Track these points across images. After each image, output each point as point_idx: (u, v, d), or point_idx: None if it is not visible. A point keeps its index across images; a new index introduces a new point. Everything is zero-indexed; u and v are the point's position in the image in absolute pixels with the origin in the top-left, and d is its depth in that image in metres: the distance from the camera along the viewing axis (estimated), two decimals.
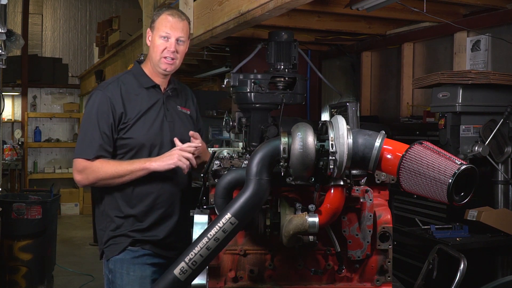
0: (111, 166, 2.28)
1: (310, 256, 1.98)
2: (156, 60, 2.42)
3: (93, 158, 2.28)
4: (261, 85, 2.37)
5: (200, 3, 3.85)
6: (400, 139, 1.81)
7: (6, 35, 3.44)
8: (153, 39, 2.42)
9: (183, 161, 2.25)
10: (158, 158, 2.29)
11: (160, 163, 2.26)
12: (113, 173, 2.27)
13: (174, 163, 2.25)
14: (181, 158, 2.25)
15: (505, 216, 3.25)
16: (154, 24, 2.43)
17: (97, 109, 2.33)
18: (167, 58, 2.40)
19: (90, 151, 2.29)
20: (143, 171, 2.27)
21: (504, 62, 3.86)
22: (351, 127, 1.72)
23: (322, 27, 4.37)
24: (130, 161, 2.31)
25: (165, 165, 2.26)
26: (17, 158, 9.47)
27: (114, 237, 2.38)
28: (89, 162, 2.28)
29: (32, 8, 10.37)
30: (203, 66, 6.71)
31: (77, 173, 2.32)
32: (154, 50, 2.41)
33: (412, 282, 2.83)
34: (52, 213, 4.96)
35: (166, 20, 2.40)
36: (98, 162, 2.28)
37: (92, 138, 2.31)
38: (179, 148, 2.28)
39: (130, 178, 2.29)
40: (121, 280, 2.35)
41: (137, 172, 2.27)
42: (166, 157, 2.27)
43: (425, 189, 1.63)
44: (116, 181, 2.30)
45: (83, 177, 2.31)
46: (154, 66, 2.44)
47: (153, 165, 2.26)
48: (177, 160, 2.24)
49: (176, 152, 2.26)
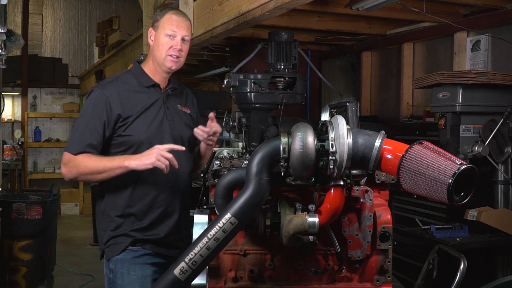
0: (91, 162, 2.28)
1: (310, 256, 1.98)
2: (162, 58, 2.42)
3: (76, 153, 2.29)
4: (261, 85, 2.37)
5: (200, 3, 3.85)
6: (400, 139, 1.81)
7: (6, 35, 3.44)
8: (158, 38, 2.42)
9: (161, 160, 2.17)
10: (137, 157, 2.24)
11: (138, 162, 2.21)
12: (92, 169, 2.27)
13: (152, 163, 2.18)
14: (159, 157, 2.18)
15: (505, 216, 3.25)
16: (158, 23, 2.44)
17: (93, 106, 2.35)
18: (172, 56, 2.41)
19: (76, 146, 2.30)
20: (121, 169, 2.25)
21: (504, 62, 3.86)
22: (351, 127, 1.72)
23: (322, 27, 4.37)
24: (110, 158, 2.30)
25: (142, 165, 2.20)
26: (17, 158, 9.47)
27: (115, 237, 2.38)
28: (73, 156, 2.30)
29: (32, 8, 10.36)
30: (203, 66, 6.71)
31: (63, 166, 2.35)
32: (159, 48, 2.41)
33: (412, 282, 2.83)
34: (52, 213, 4.96)
35: (172, 19, 2.42)
36: (81, 157, 2.29)
37: (81, 134, 2.32)
38: (158, 147, 2.21)
39: (109, 175, 2.27)
40: (122, 280, 2.35)
41: (115, 169, 2.25)
42: (144, 157, 2.21)
43: (425, 189, 1.63)
44: (95, 177, 2.30)
45: (67, 170, 2.33)
46: (159, 65, 2.44)
47: (132, 164, 2.22)
48: (155, 160, 2.17)
49: (155, 152, 2.20)
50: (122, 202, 2.37)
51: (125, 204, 2.37)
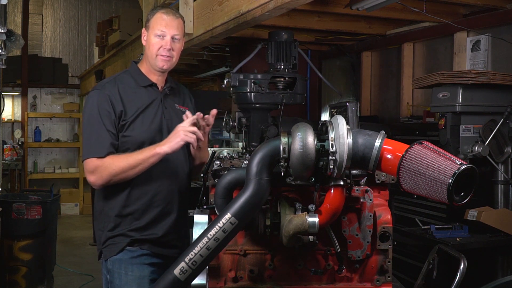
0: (122, 160, 2.27)
1: (310, 256, 1.98)
2: (153, 58, 2.43)
3: (104, 155, 2.27)
4: (261, 85, 2.37)
5: (200, 3, 3.85)
6: (400, 139, 1.81)
7: (6, 35, 3.44)
8: (149, 38, 2.44)
9: (189, 135, 2.22)
10: (165, 141, 2.26)
11: (169, 144, 2.24)
12: (126, 166, 2.26)
13: (182, 139, 2.22)
14: (186, 133, 2.22)
15: (505, 216, 3.25)
16: (149, 23, 2.45)
17: (98, 107, 2.33)
18: (163, 56, 2.42)
19: (101, 149, 2.28)
20: (154, 157, 2.25)
21: (504, 62, 3.86)
22: (351, 127, 1.72)
23: (322, 27, 4.37)
24: (139, 151, 2.29)
25: (174, 144, 2.23)
26: (17, 158, 9.47)
27: (112, 237, 2.38)
28: (100, 160, 2.27)
29: (32, 8, 10.36)
30: (203, 66, 6.71)
31: (90, 174, 2.30)
32: (150, 48, 2.43)
33: (412, 282, 2.83)
34: (52, 213, 4.96)
35: (160, 19, 2.42)
36: (109, 159, 2.27)
37: (99, 136, 2.30)
38: (182, 124, 2.26)
39: (143, 167, 2.27)
40: (120, 280, 2.35)
41: (149, 159, 2.25)
42: (173, 137, 2.25)
43: (425, 189, 1.63)
44: (129, 173, 2.27)
45: (97, 176, 2.29)
46: (151, 65, 2.45)
47: (163, 148, 2.24)
48: (184, 136, 2.22)
49: (180, 129, 2.24)
50: (120, 202, 2.37)
51: (122, 203, 2.37)
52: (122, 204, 2.37)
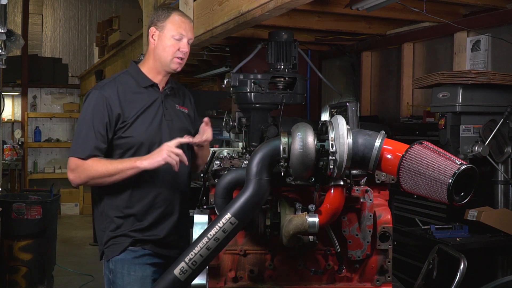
0: (102, 165, 2.27)
1: (310, 256, 1.98)
2: (168, 60, 2.41)
3: (86, 157, 2.28)
4: (261, 85, 2.37)
5: (200, 3, 3.85)
6: (400, 139, 1.81)
7: (6, 35, 3.44)
8: (163, 39, 2.41)
9: (172, 157, 2.21)
10: (147, 156, 2.26)
11: (150, 161, 2.24)
12: (104, 172, 2.26)
13: (164, 159, 2.22)
14: (170, 154, 2.21)
15: (505, 216, 3.25)
16: (164, 23, 2.42)
17: (93, 108, 2.33)
18: (179, 58, 2.42)
19: (84, 150, 2.29)
20: (133, 169, 2.25)
21: (504, 62, 3.86)
22: (351, 127, 1.72)
23: (322, 27, 4.37)
24: (121, 160, 2.30)
25: (155, 162, 2.23)
26: (17, 158, 9.47)
27: (115, 237, 2.37)
28: (81, 161, 2.28)
29: (32, 8, 10.36)
30: (203, 66, 6.71)
31: (70, 172, 2.32)
32: (166, 49, 2.41)
33: (412, 282, 2.83)
34: (52, 213, 4.95)
35: (180, 21, 2.41)
36: (90, 161, 2.28)
37: (86, 137, 2.31)
38: (168, 144, 2.25)
39: (121, 177, 2.27)
40: (122, 280, 2.35)
41: (127, 170, 2.26)
42: (155, 154, 2.24)
43: (425, 189, 1.63)
44: (106, 180, 2.28)
45: (75, 175, 2.31)
46: (162, 66, 2.43)
47: (143, 163, 2.24)
48: (166, 156, 2.21)
49: (165, 148, 2.23)
50: (122, 202, 2.37)
51: (125, 204, 2.37)
52: (124, 205, 2.37)
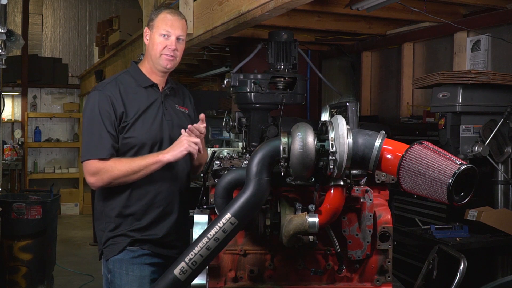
0: (124, 164, 2.27)
1: (310, 256, 1.98)
2: (156, 58, 2.42)
3: (107, 157, 2.27)
4: (261, 85, 2.37)
5: (200, 3, 3.84)
6: (400, 139, 1.81)
7: (6, 35, 3.44)
8: (153, 37, 2.43)
9: (192, 146, 2.28)
10: (169, 149, 2.31)
11: (172, 152, 2.29)
12: (128, 170, 2.26)
13: (186, 148, 2.28)
14: (190, 143, 2.28)
15: (505, 216, 3.25)
16: (153, 22, 2.44)
17: (99, 108, 2.32)
18: (167, 55, 2.42)
19: (103, 151, 2.28)
20: (157, 164, 2.28)
21: (504, 62, 3.86)
22: (351, 127, 1.72)
23: (322, 27, 4.37)
24: (142, 157, 2.32)
25: (178, 153, 2.28)
26: (17, 158, 9.46)
27: (113, 237, 2.38)
28: (102, 163, 2.27)
29: (32, 8, 10.36)
30: (203, 66, 6.71)
31: (90, 176, 2.30)
32: (154, 48, 2.42)
33: (412, 282, 2.83)
34: (52, 213, 4.95)
35: (166, 19, 2.42)
36: (112, 162, 2.27)
37: (101, 138, 2.29)
38: (186, 134, 2.31)
39: (145, 174, 2.29)
40: (120, 280, 2.35)
41: (151, 166, 2.28)
42: (177, 146, 2.29)
43: (425, 189, 1.63)
44: (130, 178, 2.29)
45: (97, 178, 2.29)
46: (154, 64, 2.44)
47: (166, 156, 2.28)
48: (188, 146, 2.27)
49: (184, 139, 2.29)
50: (121, 202, 2.37)
51: (123, 204, 2.37)
52: (123, 204, 2.37)
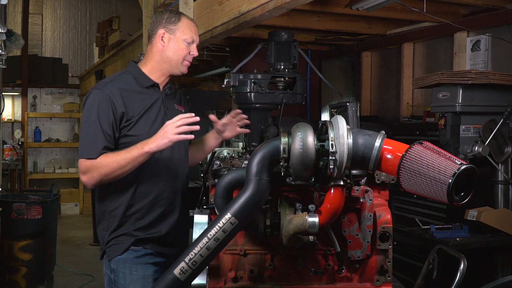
0: (111, 159, 2.25)
1: (310, 256, 1.98)
2: (178, 63, 2.44)
3: (96, 157, 2.26)
4: (261, 85, 2.37)
5: (200, 3, 3.85)
6: (400, 139, 1.81)
7: (6, 35, 3.44)
8: (176, 42, 2.42)
9: (176, 137, 2.17)
10: (152, 139, 2.21)
11: (156, 143, 2.19)
12: (115, 165, 2.24)
13: (170, 140, 2.17)
14: (173, 130, 2.17)
15: (505, 216, 3.25)
16: (175, 26, 2.43)
17: (98, 108, 2.32)
18: (188, 61, 2.46)
19: (93, 151, 2.27)
20: (143, 156, 2.22)
21: (504, 62, 3.87)
22: (351, 127, 1.72)
23: (322, 27, 4.37)
24: (127, 149, 2.26)
25: (162, 145, 2.19)
26: (17, 158, 9.46)
27: (116, 237, 2.38)
28: (91, 161, 2.26)
29: (32, 8, 10.35)
30: (203, 66, 6.72)
31: (82, 175, 2.30)
32: (177, 53, 2.42)
33: (412, 282, 2.83)
34: (52, 213, 4.95)
35: (191, 25, 2.45)
36: (99, 159, 2.26)
37: (94, 138, 2.29)
38: (171, 121, 2.20)
39: (133, 166, 2.25)
40: (124, 279, 2.35)
41: (138, 158, 2.23)
42: (159, 137, 2.20)
43: (425, 189, 1.63)
44: (119, 172, 2.26)
45: (88, 177, 2.28)
46: (171, 68, 2.45)
47: (151, 146, 2.20)
48: (172, 137, 2.17)
49: (167, 130, 2.18)
50: (124, 201, 2.37)
51: (127, 203, 2.37)
52: (127, 203, 2.37)
